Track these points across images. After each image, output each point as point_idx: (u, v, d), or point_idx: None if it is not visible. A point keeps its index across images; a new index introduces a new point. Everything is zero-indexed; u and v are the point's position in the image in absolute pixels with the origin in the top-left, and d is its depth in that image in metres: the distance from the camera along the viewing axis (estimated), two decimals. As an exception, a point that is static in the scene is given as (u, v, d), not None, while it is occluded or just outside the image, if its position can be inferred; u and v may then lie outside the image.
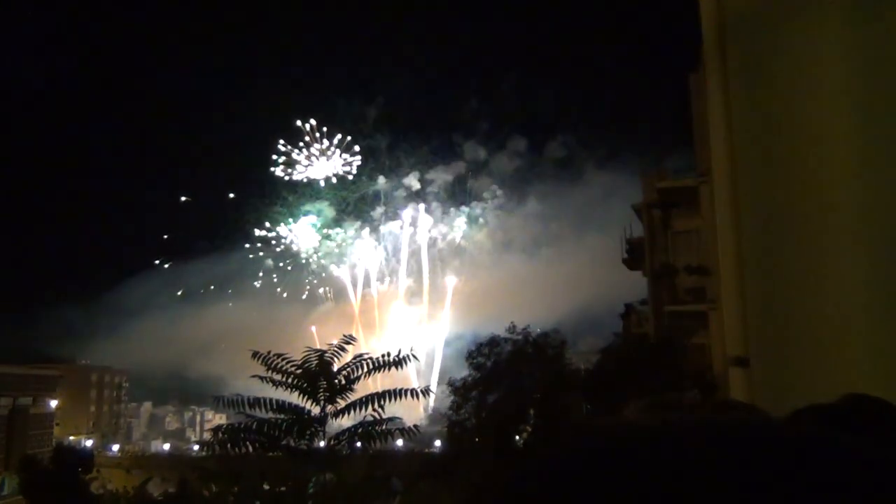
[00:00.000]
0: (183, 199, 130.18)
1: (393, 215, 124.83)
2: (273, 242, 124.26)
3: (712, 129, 3.19)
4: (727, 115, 3.06)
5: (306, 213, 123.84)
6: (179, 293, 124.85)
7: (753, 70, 3.05)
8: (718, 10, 3.11)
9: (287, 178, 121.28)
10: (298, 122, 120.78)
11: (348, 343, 11.53)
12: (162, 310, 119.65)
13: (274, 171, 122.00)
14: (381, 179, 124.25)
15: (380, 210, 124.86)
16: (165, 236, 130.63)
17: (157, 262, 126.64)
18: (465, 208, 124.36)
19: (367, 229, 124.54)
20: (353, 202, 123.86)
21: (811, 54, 2.91)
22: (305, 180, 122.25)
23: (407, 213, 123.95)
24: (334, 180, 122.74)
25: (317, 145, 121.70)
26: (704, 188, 20.77)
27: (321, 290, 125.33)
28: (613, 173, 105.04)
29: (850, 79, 2.81)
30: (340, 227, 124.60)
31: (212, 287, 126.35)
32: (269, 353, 10.99)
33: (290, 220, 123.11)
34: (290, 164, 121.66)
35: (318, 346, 11.47)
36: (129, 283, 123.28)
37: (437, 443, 46.84)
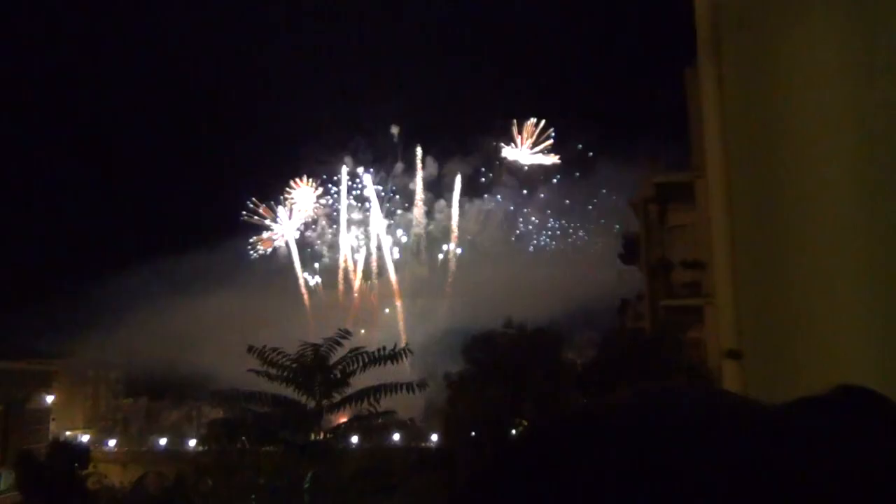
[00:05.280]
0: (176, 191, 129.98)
1: (403, 207, 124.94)
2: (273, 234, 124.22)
3: (706, 123, 3.19)
4: (721, 110, 3.06)
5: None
6: (174, 286, 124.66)
7: (748, 64, 3.05)
8: (712, 3, 3.11)
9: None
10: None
11: (343, 337, 11.51)
12: (157, 304, 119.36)
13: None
14: (398, 168, 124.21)
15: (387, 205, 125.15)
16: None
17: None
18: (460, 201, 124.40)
19: (378, 222, 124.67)
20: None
21: (807, 48, 2.91)
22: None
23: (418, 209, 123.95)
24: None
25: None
26: (700, 183, 20.78)
27: (319, 281, 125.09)
28: (610, 168, 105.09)
29: (846, 73, 2.81)
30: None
31: (206, 280, 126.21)
32: (264, 347, 11.00)
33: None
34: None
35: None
36: (122, 276, 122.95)
37: (434, 437, 46.90)
